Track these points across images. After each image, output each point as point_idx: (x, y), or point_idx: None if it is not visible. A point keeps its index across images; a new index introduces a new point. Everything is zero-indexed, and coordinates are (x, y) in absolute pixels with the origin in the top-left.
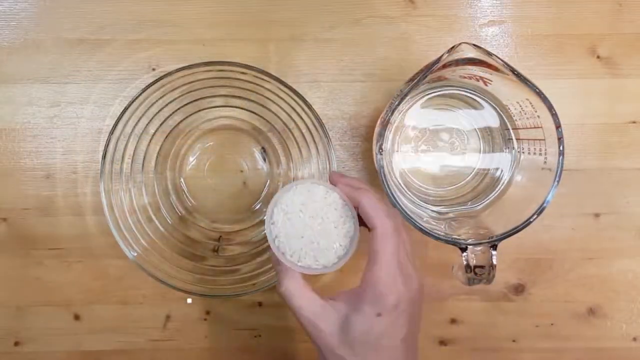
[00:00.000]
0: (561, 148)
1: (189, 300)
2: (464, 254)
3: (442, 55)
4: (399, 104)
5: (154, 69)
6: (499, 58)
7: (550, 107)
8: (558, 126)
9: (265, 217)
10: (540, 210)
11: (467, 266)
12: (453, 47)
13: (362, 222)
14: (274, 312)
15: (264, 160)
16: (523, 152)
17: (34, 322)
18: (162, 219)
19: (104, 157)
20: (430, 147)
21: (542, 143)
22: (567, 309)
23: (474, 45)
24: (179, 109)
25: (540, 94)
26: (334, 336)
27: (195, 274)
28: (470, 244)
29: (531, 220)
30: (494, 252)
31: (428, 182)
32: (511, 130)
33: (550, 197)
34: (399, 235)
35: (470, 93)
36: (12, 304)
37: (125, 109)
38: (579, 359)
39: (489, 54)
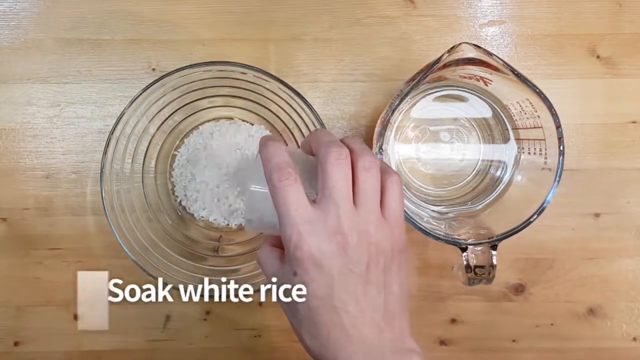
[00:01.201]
0: (561, 148)
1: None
2: (464, 254)
3: (442, 55)
4: (399, 104)
5: (154, 69)
6: (499, 58)
7: (550, 107)
8: (558, 126)
9: None
10: (540, 210)
11: (468, 266)
12: (453, 47)
13: None
14: (274, 313)
15: None
16: (523, 152)
17: (34, 322)
18: (163, 219)
19: (104, 157)
20: (430, 147)
21: (542, 143)
22: (567, 309)
23: (474, 45)
24: (179, 108)
25: (540, 94)
26: None
27: (195, 274)
28: (470, 244)
29: (531, 220)
30: (494, 252)
31: (428, 182)
32: (511, 130)
33: (550, 197)
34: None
35: (471, 93)
36: (11, 304)
37: (126, 108)
38: (579, 359)
39: (489, 54)
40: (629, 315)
